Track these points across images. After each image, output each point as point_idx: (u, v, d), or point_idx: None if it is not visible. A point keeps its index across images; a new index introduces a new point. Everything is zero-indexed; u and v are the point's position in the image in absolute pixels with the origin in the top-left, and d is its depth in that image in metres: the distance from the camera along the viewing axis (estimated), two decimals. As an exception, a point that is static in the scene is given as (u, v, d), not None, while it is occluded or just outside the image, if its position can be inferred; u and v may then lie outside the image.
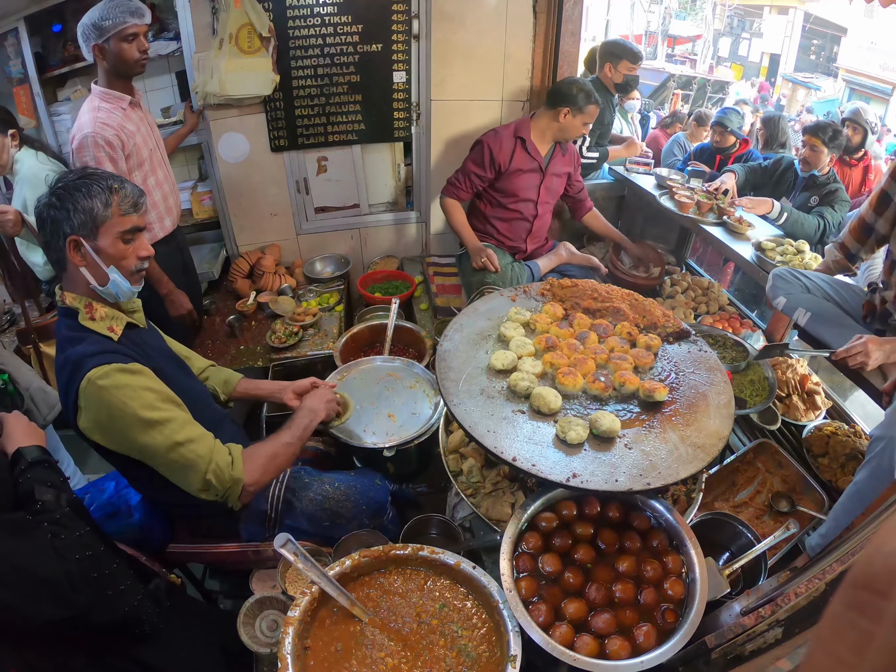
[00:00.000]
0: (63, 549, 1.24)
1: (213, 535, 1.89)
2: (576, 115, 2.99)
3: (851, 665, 0.35)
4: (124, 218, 1.54)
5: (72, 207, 1.49)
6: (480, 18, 3.22)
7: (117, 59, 2.38)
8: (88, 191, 1.50)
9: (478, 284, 3.01)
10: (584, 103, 2.96)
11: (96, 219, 1.50)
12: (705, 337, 2.44)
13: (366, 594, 1.48)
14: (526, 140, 3.09)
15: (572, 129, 3.06)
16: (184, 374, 1.86)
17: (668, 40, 20.40)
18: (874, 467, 1.81)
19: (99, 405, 1.47)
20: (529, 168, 3.15)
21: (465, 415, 1.62)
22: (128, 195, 1.55)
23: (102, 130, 2.35)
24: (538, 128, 3.11)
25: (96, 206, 1.50)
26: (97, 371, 1.46)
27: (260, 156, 3.43)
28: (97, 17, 2.31)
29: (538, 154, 3.14)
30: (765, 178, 3.81)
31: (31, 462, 1.42)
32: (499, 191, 3.21)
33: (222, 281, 3.63)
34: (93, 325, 1.56)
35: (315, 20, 3.14)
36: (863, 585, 0.36)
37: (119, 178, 1.57)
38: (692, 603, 1.36)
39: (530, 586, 1.40)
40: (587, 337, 1.90)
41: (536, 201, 3.25)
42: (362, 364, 2.50)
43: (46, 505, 1.33)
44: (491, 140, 3.08)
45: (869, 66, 14.92)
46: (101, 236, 1.53)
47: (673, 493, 1.83)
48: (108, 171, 1.62)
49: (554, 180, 3.29)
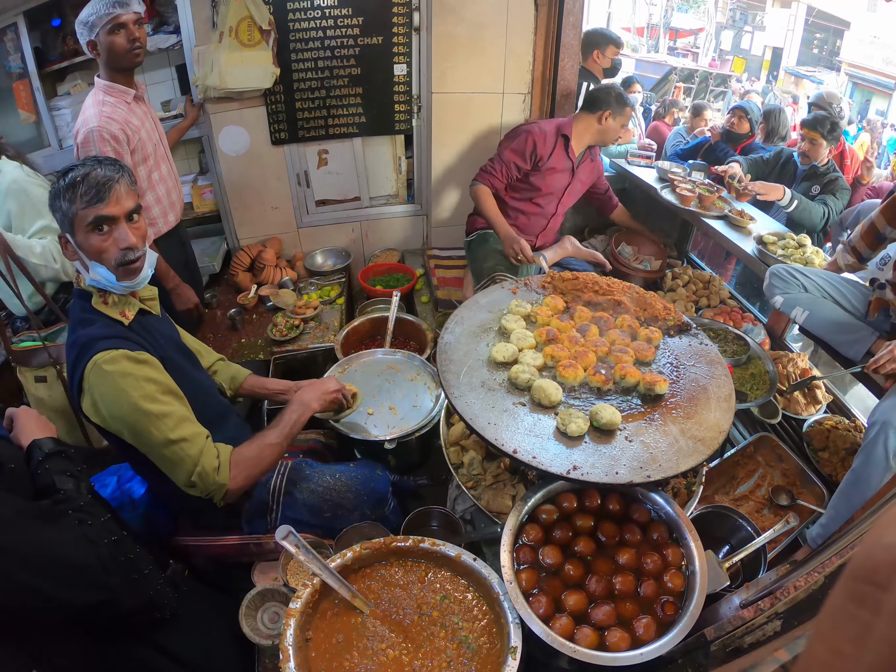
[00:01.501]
0: (92, 535, 1.27)
1: (216, 527, 1.90)
2: (616, 118, 3.06)
3: (850, 657, 0.35)
4: (87, 211, 1.50)
5: (54, 210, 1.52)
6: (481, 11, 3.21)
7: (109, 52, 2.35)
8: (56, 192, 1.50)
9: (489, 271, 2.99)
10: (623, 106, 3.04)
11: (67, 215, 1.50)
12: (706, 330, 2.44)
13: (367, 586, 1.48)
14: (569, 139, 3.13)
15: (611, 132, 3.13)
16: (191, 364, 1.86)
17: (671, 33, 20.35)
18: (869, 453, 1.85)
19: (101, 389, 1.48)
20: (563, 167, 3.18)
21: (466, 407, 1.62)
22: (90, 186, 1.49)
23: (108, 125, 2.32)
24: (578, 130, 3.14)
25: (63, 206, 1.50)
26: (104, 355, 1.47)
27: (260, 149, 3.43)
28: (86, 13, 2.29)
29: (574, 155, 3.18)
30: (766, 170, 3.82)
31: (48, 453, 1.43)
32: (529, 184, 3.20)
33: (223, 274, 3.63)
34: (105, 308, 1.58)
35: (315, 13, 3.13)
36: (862, 578, 0.36)
37: (83, 175, 1.51)
38: (692, 595, 1.36)
39: (531, 578, 1.40)
40: (588, 330, 1.90)
41: (559, 201, 3.29)
42: (363, 357, 2.50)
43: (68, 493, 1.35)
44: (536, 131, 3.09)
45: (871, 61, 14.84)
46: (77, 233, 1.52)
47: (673, 486, 1.84)
48: (84, 162, 1.55)
49: (577, 185, 3.32)
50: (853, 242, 2.51)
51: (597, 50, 4.02)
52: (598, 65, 4.06)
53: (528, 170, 3.14)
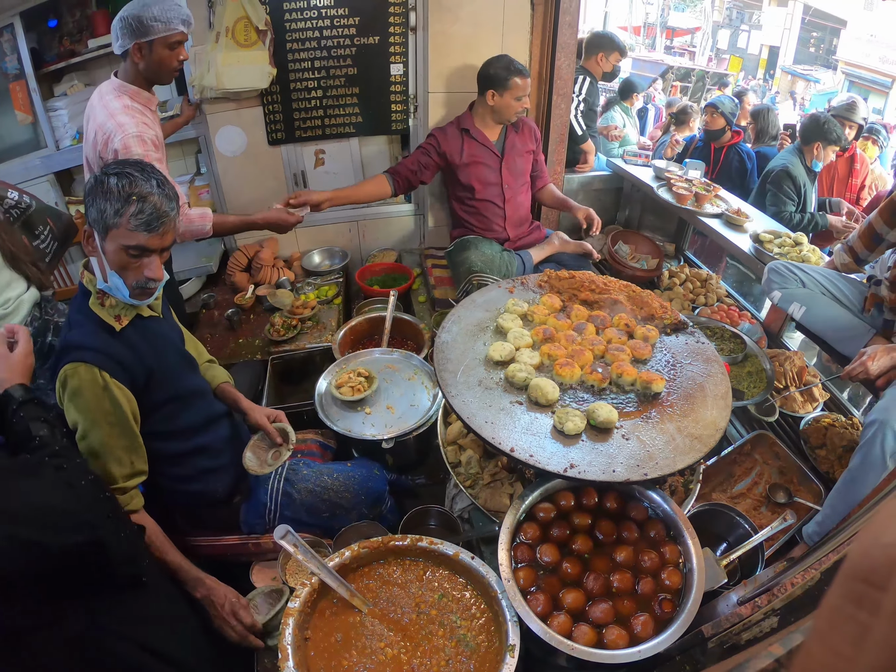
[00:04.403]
0: (70, 477, 1.30)
1: (214, 526, 1.90)
2: (503, 94, 3.01)
3: (848, 657, 0.35)
4: (131, 233, 1.48)
5: (91, 200, 1.48)
6: (478, 10, 3.21)
7: (157, 65, 2.26)
8: (108, 191, 1.46)
9: (466, 274, 2.99)
10: (506, 78, 2.97)
11: (106, 221, 1.47)
12: (703, 329, 2.45)
13: (365, 585, 1.49)
14: (470, 129, 3.14)
15: (506, 108, 3.07)
16: (189, 370, 1.86)
17: (667, 32, 20.38)
18: (866, 453, 1.85)
19: (62, 395, 1.54)
20: (484, 154, 3.18)
21: (464, 406, 1.62)
22: (144, 212, 1.47)
23: (146, 131, 2.26)
24: (478, 116, 3.17)
25: (108, 210, 1.46)
26: (71, 367, 1.50)
27: (257, 149, 3.42)
28: (147, 14, 2.13)
29: (487, 140, 3.18)
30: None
31: (21, 401, 1.44)
32: (462, 185, 3.23)
33: (220, 274, 3.62)
34: (100, 311, 1.58)
35: (311, 13, 3.12)
36: (860, 577, 0.36)
37: (143, 195, 1.48)
38: (689, 593, 1.36)
39: (528, 576, 1.41)
40: (585, 328, 1.90)
41: (501, 185, 3.26)
42: (361, 356, 2.50)
43: (44, 439, 1.38)
44: (437, 132, 3.18)
45: (868, 59, 14.85)
46: (108, 240, 1.49)
47: (671, 484, 1.84)
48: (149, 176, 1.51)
49: (517, 161, 3.28)
50: (851, 243, 2.51)
51: (601, 53, 4.05)
52: (600, 67, 4.10)
53: (439, 163, 3.18)
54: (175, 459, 1.78)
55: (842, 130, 3.77)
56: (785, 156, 3.88)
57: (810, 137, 3.76)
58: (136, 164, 1.53)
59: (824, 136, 3.70)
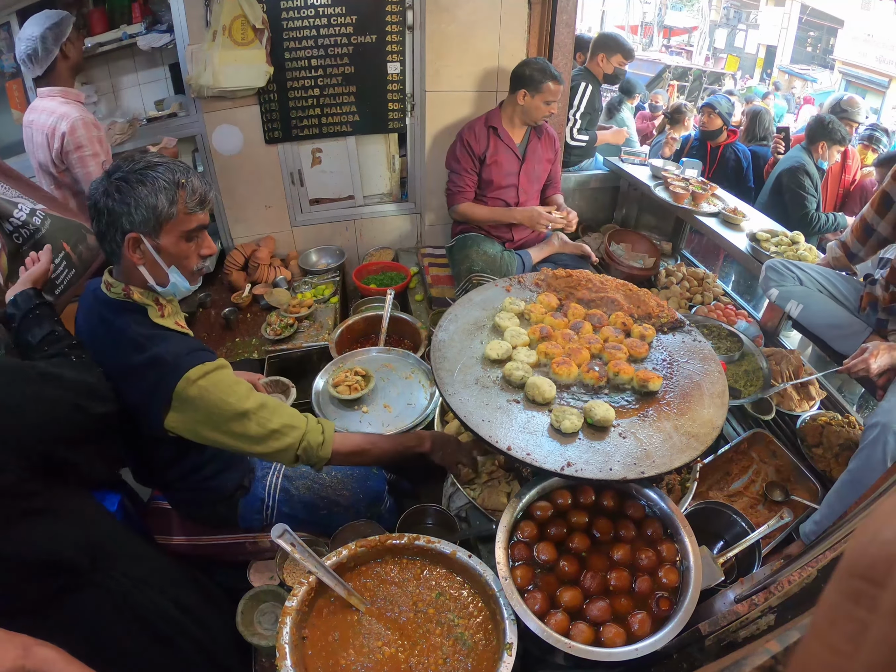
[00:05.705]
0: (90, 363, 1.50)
1: (212, 523, 1.89)
2: (534, 96, 3.02)
3: (847, 655, 0.35)
4: (190, 216, 1.44)
5: (133, 202, 1.38)
6: (475, 9, 3.21)
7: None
8: (154, 185, 1.38)
9: (466, 273, 3.02)
10: (540, 82, 2.98)
11: (160, 217, 1.41)
12: (700, 327, 2.45)
13: (363, 584, 1.48)
14: (498, 128, 3.14)
15: (535, 110, 3.08)
16: None
17: (664, 31, 20.37)
18: (868, 455, 1.83)
19: (198, 404, 1.44)
20: (506, 155, 3.19)
21: (461, 405, 1.62)
22: (196, 190, 1.43)
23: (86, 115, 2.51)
24: (506, 115, 3.16)
25: (161, 203, 1.39)
26: (196, 371, 1.42)
27: (254, 148, 3.42)
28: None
29: (511, 141, 3.18)
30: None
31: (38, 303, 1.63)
32: (481, 181, 3.23)
33: (217, 273, 3.62)
34: (165, 321, 1.53)
35: (309, 11, 3.12)
36: (858, 574, 0.35)
37: (185, 170, 1.44)
38: (686, 591, 1.36)
39: (526, 575, 1.41)
40: (581, 327, 1.90)
41: (517, 188, 3.27)
42: (358, 355, 2.50)
43: (60, 333, 1.57)
44: (465, 132, 3.16)
45: (865, 59, 14.87)
46: (164, 235, 1.44)
47: (667, 482, 1.84)
48: (164, 159, 1.44)
49: (535, 166, 3.30)
50: (844, 238, 2.52)
51: (603, 53, 3.97)
52: (601, 69, 4.01)
53: (479, 168, 3.19)
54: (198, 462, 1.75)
55: (846, 130, 3.79)
56: (795, 155, 3.89)
57: (815, 137, 3.79)
58: (144, 159, 1.46)
59: (829, 136, 3.73)
